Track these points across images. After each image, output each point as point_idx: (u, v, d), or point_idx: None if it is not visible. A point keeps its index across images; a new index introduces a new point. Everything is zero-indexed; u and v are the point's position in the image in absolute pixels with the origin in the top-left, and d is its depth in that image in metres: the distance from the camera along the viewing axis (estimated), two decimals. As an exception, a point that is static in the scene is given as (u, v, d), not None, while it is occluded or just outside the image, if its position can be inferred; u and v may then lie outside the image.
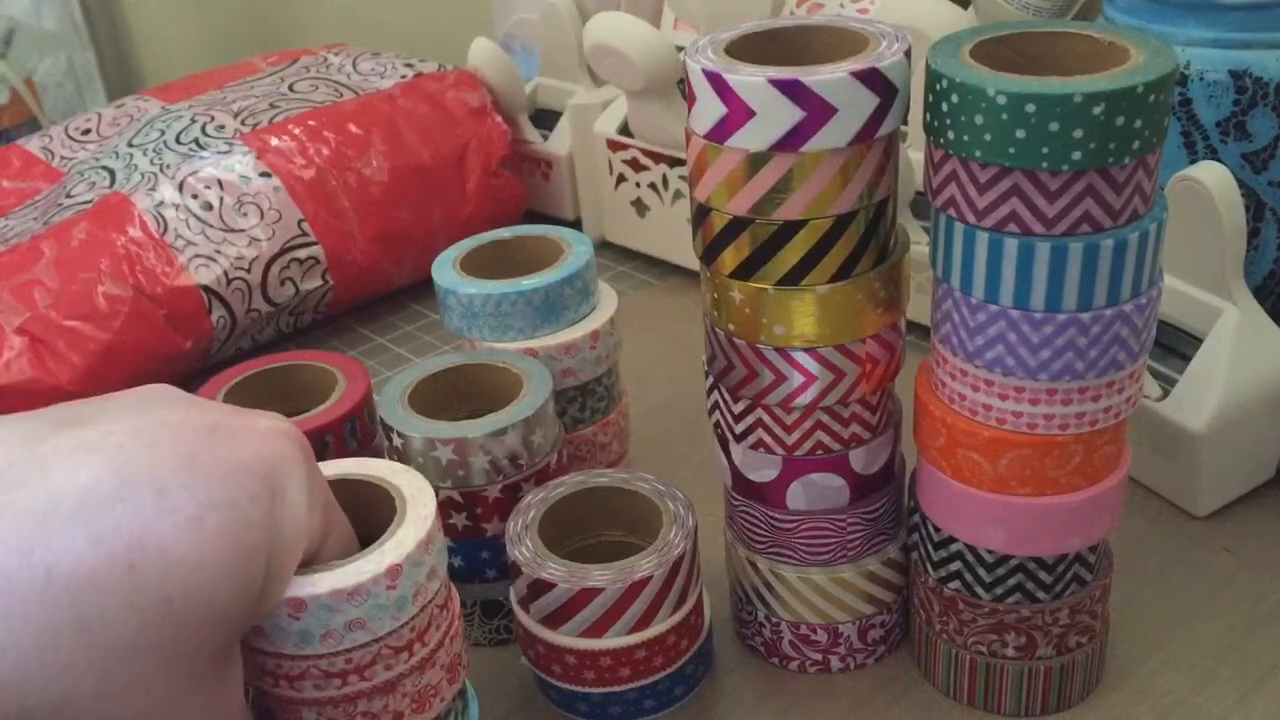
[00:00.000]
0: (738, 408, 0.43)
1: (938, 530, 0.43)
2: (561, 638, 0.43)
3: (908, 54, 0.38)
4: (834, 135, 0.37)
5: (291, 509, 0.32)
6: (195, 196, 0.73)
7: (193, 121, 0.79)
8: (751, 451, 0.44)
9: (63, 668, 0.27)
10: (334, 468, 0.39)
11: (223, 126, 0.78)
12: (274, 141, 0.77)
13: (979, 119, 0.35)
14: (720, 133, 0.38)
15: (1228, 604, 0.49)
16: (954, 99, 0.35)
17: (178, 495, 0.29)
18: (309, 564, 0.34)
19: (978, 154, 0.35)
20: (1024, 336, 0.37)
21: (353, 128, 0.79)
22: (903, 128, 0.39)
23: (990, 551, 0.42)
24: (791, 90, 0.36)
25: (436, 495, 0.46)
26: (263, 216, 0.74)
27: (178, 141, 0.77)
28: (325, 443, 0.48)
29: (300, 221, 0.75)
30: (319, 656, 0.34)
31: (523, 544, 0.44)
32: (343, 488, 0.37)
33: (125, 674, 0.28)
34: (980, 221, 0.37)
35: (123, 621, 0.27)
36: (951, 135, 0.36)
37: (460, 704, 0.40)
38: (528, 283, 0.51)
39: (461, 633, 0.39)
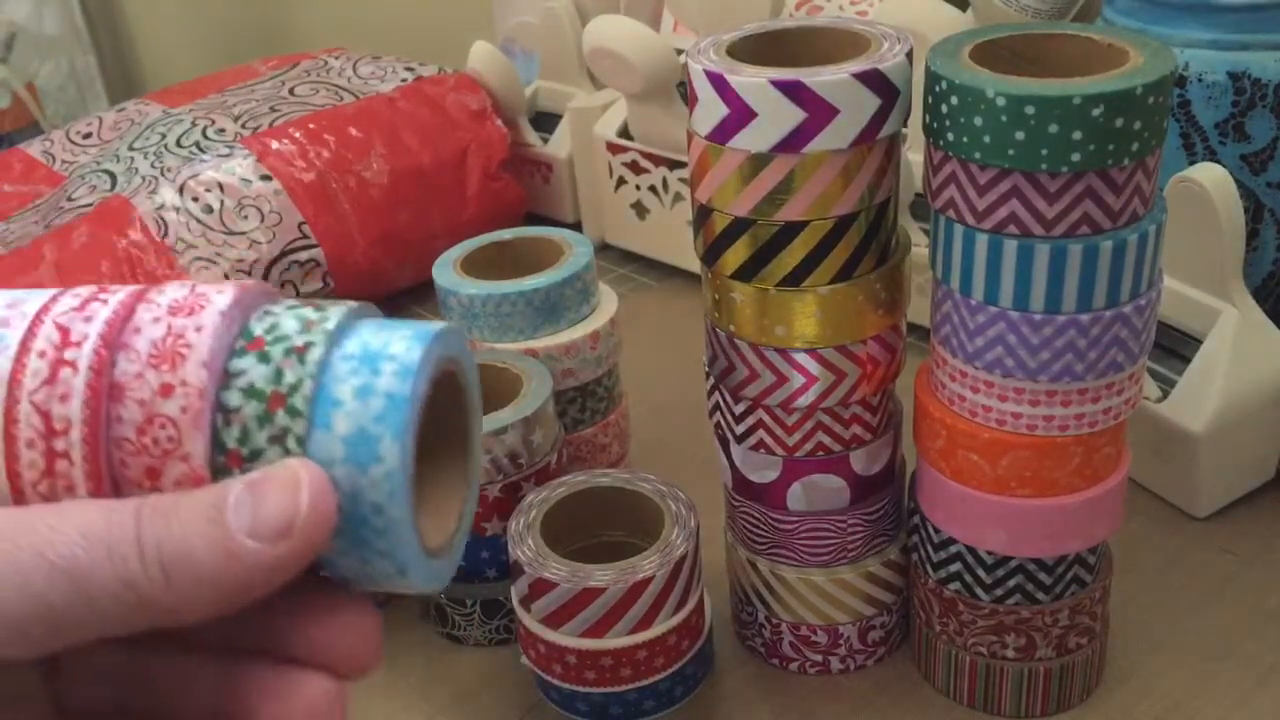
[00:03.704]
0: (738, 409, 0.43)
1: (937, 531, 0.43)
2: (562, 637, 0.43)
3: (909, 55, 0.38)
4: (835, 136, 0.37)
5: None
6: (196, 199, 0.73)
7: (193, 125, 0.79)
8: (752, 452, 0.44)
9: None
10: None
11: (223, 130, 0.78)
12: (274, 144, 0.77)
13: (978, 121, 0.35)
14: (722, 134, 0.38)
15: (1228, 605, 0.49)
16: (953, 101, 0.35)
17: None
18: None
19: (977, 156, 0.35)
20: (1023, 338, 0.38)
21: (353, 131, 0.79)
22: (902, 130, 0.39)
23: (990, 553, 0.42)
24: (793, 91, 0.36)
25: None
26: (263, 219, 0.74)
27: (178, 145, 0.77)
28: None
29: (301, 224, 0.75)
30: None
31: (524, 543, 0.44)
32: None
33: None
34: (979, 223, 0.37)
35: None
36: (951, 137, 0.36)
37: None
38: (528, 283, 0.51)
39: None
